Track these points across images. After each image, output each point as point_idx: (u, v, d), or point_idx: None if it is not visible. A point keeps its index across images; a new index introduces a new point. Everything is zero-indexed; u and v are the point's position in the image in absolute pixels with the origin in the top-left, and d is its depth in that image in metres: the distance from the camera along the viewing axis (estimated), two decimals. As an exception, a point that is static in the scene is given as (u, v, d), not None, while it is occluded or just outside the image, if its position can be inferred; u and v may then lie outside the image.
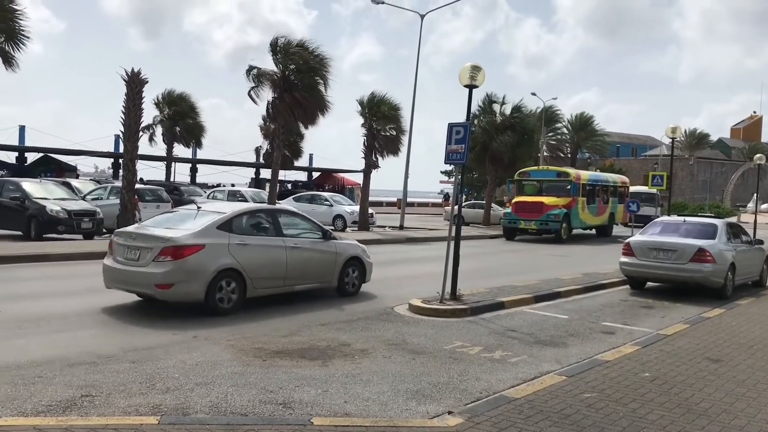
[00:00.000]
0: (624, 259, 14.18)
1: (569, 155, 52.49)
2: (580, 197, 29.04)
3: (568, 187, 28.83)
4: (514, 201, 29.97)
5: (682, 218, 15.08)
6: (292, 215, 11.75)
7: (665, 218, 16.11)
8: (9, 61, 20.04)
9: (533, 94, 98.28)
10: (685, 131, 74.03)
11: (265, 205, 17.78)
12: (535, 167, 33.73)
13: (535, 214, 27.88)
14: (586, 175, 31.13)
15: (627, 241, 14.58)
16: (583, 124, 52.45)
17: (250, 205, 13.98)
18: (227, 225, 9.94)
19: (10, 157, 50.33)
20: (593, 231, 31.98)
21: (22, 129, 50.53)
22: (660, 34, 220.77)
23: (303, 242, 10.95)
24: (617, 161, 67.88)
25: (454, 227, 11.59)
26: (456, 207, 12.48)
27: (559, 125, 52.27)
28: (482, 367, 7.39)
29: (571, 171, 30.37)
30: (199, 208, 10.75)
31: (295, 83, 25.01)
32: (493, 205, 39.10)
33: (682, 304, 12.73)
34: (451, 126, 11.29)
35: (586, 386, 6.58)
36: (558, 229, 27.61)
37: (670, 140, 26.16)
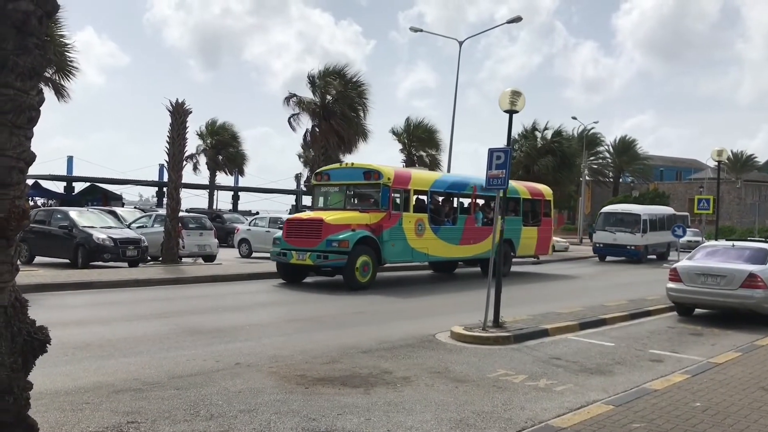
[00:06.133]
0: (671, 284, 13.86)
1: (611, 179, 51.94)
2: (410, 213, 18.11)
3: (379, 194, 17.62)
4: (286, 219, 20.15)
5: (731, 243, 14.70)
6: None
7: (714, 242, 15.73)
8: (60, 92, 20.80)
9: (574, 118, 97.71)
10: (731, 154, 72.56)
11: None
12: (337, 165, 20.09)
13: (310, 241, 16.61)
14: (426, 177, 19.81)
15: (674, 266, 14.25)
16: (625, 147, 51.97)
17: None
18: None
19: (59, 187, 51.91)
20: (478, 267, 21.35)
21: (70, 159, 52.27)
22: (721, 55, 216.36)
23: None
24: (661, 185, 66.77)
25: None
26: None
27: (601, 149, 51.85)
28: (527, 396, 7.25)
29: (386, 169, 17.98)
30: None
31: (333, 111, 25.16)
32: None
33: (733, 331, 12.36)
34: (491, 151, 11.21)
35: (634, 416, 6.40)
36: (343, 265, 16.21)
37: (716, 163, 25.51)
